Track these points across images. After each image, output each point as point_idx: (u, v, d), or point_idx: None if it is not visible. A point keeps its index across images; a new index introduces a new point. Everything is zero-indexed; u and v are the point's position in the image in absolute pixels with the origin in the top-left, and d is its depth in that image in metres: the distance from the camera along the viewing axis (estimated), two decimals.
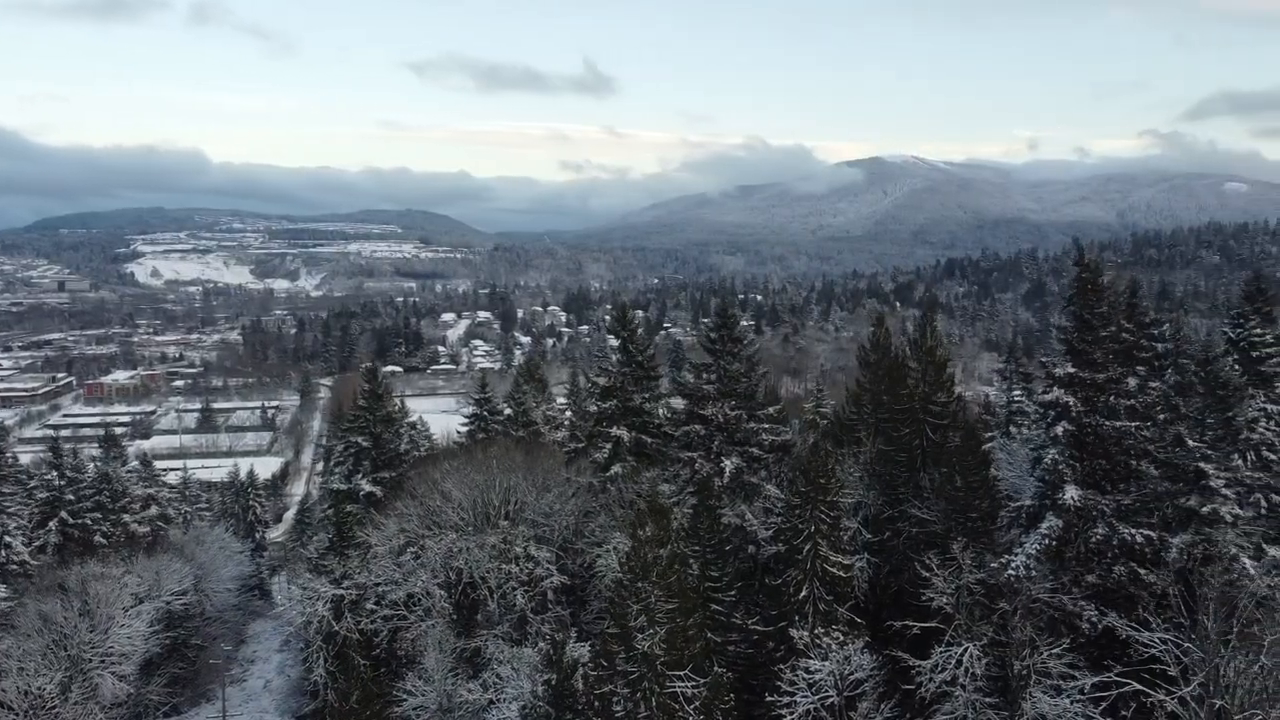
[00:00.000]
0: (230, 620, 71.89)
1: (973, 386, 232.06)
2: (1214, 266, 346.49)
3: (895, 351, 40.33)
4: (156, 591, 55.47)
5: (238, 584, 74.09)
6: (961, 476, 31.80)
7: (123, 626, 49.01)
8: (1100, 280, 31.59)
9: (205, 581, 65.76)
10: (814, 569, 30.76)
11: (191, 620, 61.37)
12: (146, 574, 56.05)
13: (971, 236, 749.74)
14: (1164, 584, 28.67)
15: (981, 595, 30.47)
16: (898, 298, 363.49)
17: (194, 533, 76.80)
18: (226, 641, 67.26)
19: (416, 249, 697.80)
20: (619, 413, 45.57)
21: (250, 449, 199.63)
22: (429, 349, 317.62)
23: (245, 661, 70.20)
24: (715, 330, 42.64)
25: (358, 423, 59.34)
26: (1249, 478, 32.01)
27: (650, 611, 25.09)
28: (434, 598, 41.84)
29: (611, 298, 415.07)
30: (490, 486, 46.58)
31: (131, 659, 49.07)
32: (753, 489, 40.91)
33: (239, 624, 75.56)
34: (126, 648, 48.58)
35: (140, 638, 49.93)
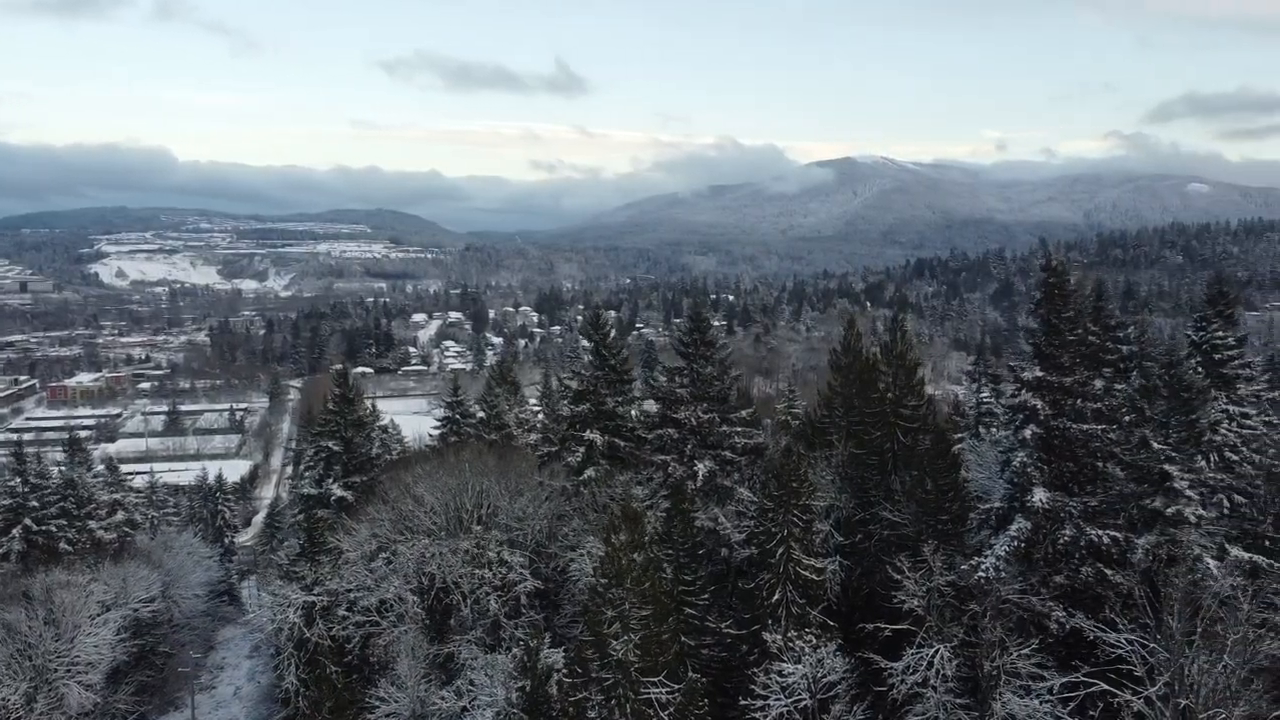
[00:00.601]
0: (199, 627, 71.11)
1: (942, 386, 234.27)
2: (1177, 266, 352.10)
3: (866, 355, 40.63)
4: (123, 599, 54.76)
5: (207, 590, 73.28)
6: (932, 479, 32.13)
7: (89, 635, 48.33)
8: (1067, 284, 32.01)
9: (173, 588, 65.01)
10: (787, 572, 30.94)
11: (159, 627, 60.67)
12: (113, 581, 55.32)
13: (940, 236, 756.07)
14: (1130, 584, 29.10)
15: (952, 597, 30.79)
16: (868, 297, 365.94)
17: (162, 538, 75.87)
18: (195, 648, 66.55)
19: (387, 249, 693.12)
20: (592, 416, 45.53)
21: (218, 452, 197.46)
22: (400, 350, 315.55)
23: (215, 668, 69.44)
24: (688, 334, 42.74)
25: (328, 427, 58.86)
26: (1212, 479, 32.61)
27: (625, 618, 25.13)
28: (406, 603, 41.59)
29: (584, 298, 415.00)
30: (463, 490, 46.41)
31: (98, 668, 48.40)
32: (726, 492, 41.07)
33: (208, 630, 74.75)
34: (93, 656, 47.92)
35: (107, 646, 49.28)
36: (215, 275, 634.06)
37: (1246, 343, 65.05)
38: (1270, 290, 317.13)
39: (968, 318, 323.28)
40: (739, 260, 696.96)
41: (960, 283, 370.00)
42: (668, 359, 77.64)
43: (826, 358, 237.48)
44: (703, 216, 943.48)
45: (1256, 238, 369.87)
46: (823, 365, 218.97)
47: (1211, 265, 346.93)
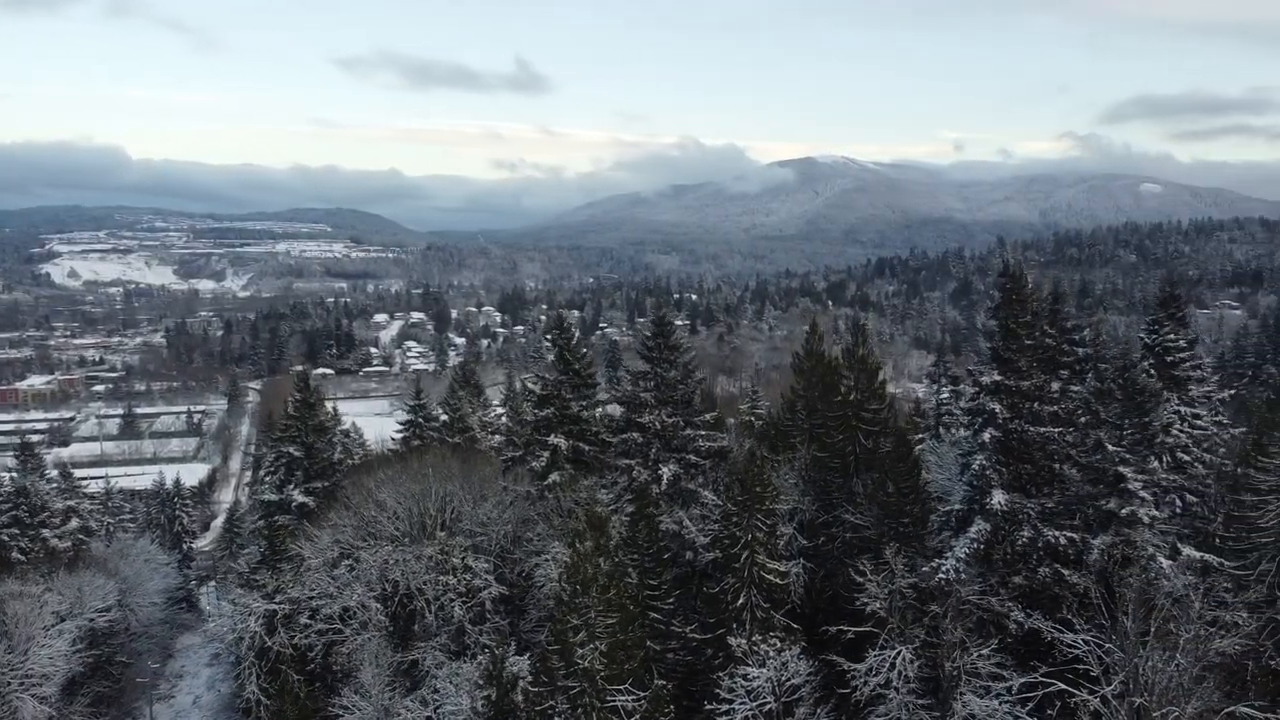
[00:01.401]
0: (157, 635, 69.96)
1: (903, 384, 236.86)
2: (1131, 265, 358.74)
3: (828, 358, 40.99)
4: (79, 609, 53.73)
5: (165, 597, 72.10)
6: (893, 482, 32.52)
7: (43, 647, 47.39)
8: (1024, 289, 32.54)
9: (130, 596, 63.90)
10: (751, 577, 31.15)
11: (116, 637, 59.63)
12: (68, 591, 54.26)
13: (901, 236, 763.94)
14: (1086, 584, 29.68)
15: (913, 598, 31.19)
16: (830, 296, 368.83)
17: (118, 545, 74.51)
18: (153, 657, 65.50)
19: (347, 249, 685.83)
20: (556, 421, 45.50)
21: (176, 455, 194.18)
22: (361, 351, 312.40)
23: (173, 677, 68.39)
24: (652, 338, 42.85)
25: (289, 432, 58.23)
26: (1165, 479, 33.33)
27: (590, 626, 25.17)
28: (370, 611, 41.31)
29: (547, 297, 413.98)
30: (426, 496, 46.14)
31: (53, 679, 47.46)
32: (690, 495, 41.26)
33: (166, 639, 73.59)
34: (47, 668, 46.99)
35: (62, 657, 48.35)
36: (171, 275, 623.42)
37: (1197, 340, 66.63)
38: (1220, 288, 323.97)
39: (928, 316, 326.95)
40: (702, 259, 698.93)
41: (920, 282, 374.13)
42: (631, 359, 77.41)
43: (789, 357, 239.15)
44: (665, 216, 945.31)
45: (1206, 237, 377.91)
46: (785, 364, 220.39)
47: (1164, 264, 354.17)
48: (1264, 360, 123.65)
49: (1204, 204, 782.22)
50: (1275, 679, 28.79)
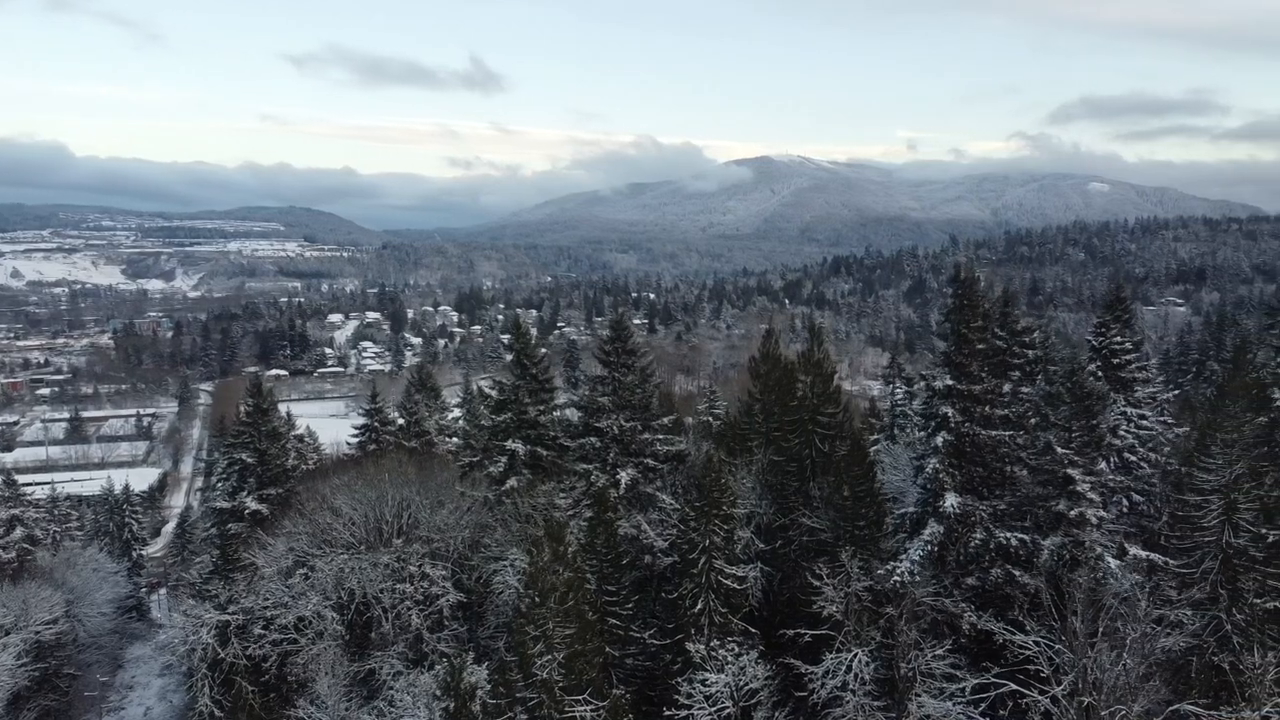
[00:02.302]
0: (106, 646, 68.51)
1: (859, 381, 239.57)
2: (1080, 263, 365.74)
3: (785, 362, 41.29)
4: (24, 622, 52.47)
5: (114, 607, 70.62)
6: (849, 486, 32.83)
7: None
8: (976, 295, 33.02)
9: (78, 606, 62.51)
10: (709, 582, 31.30)
11: (64, 649, 58.29)
12: (13, 604, 52.99)
13: (856, 234, 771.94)
14: (1037, 585, 30.22)
15: (869, 601, 31.55)
16: (787, 295, 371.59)
17: (65, 554, 72.78)
18: (102, 669, 64.20)
19: (301, 247, 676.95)
20: (513, 426, 45.32)
21: (125, 460, 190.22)
22: (316, 351, 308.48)
23: (123, 688, 67.05)
24: (609, 342, 42.84)
25: (242, 438, 57.31)
26: (1112, 480, 34.09)
27: (548, 637, 25.13)
28: (325, 620, 40.77)
29: (504, 297, 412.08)
30: (382, 502, 45.68)
31: None
32: (648, 499, 41.34)
33: (116, 649, 72.08)
34: None
35: (7, 672, 47.27)
36: (119, 275, 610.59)
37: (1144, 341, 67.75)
38: (1165, 286, 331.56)
39: (883, 315, 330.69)
40: (660, 258, 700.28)
41: (875, 280, 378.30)
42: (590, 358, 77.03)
43: (747, 356, 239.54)
44: (623, 214, 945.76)
45: (1152, 235, 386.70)
46: (743, 363, 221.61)
47: (1111, 262, 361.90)
48: (1207, 357, 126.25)
49: (1149, 203, 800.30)
50: (1219, 675, 29.54)
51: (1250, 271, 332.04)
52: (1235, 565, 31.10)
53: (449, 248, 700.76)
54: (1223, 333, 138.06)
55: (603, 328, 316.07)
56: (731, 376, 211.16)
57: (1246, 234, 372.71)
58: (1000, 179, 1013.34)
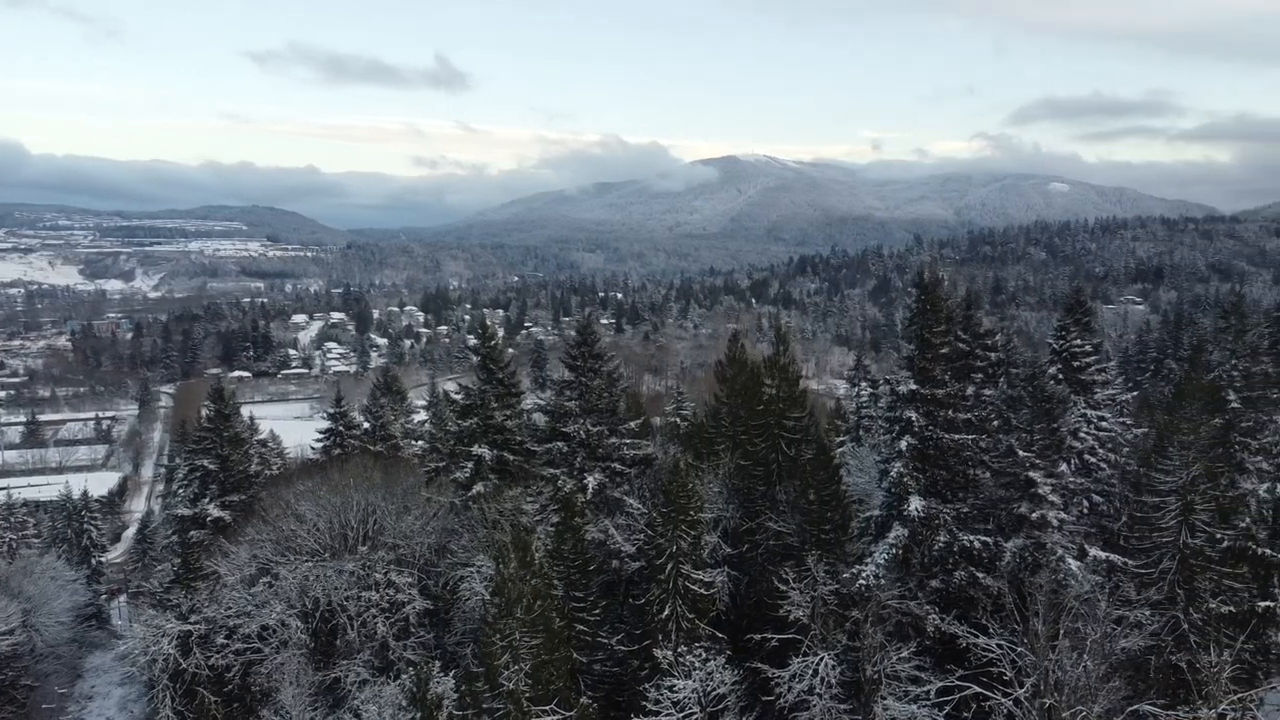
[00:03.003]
0: (65, 655, 67.18)
1: (825, 380, 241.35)
2: (1041, 263, 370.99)
3: (751, 366, 41.44)
4: None
5: (73, 616, 69.25)
6: (815, 490, 33.01)
7: None
8: (939, 300, 33.33)
9: (35, 616, 61.25)
10: (676, 587, 31.34)
11: (20, 660, 57.12)
12: None
13: (822, 234, 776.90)
14: (1000, 587, 30.60)
15: (835, 605, 31.74)
16: (753, 294, 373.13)
17: (21, 563, 71.30)
18: (61, 679, 62.95)
19: (264, 247, 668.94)
20: (480, 431, 45.10)
21: (84, 464, 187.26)
22: (279, 353, 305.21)
23: (82, 698, 65.76)
24: (576, 347, 42.75)
25: (204, 444, 56.52)
26: (1073, 483, 34.60)
27: (515, 648, 25.04)
28: (289, 629, 40.31)
29: (471, 297, 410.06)
30: (347, 508, 45.24)
31: None
32: (616, 503, 41.29)
33: (75, 658, 70.72)
34: None
35: None
36: (77, 275, 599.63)
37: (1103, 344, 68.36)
38: (1125, 284, 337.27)
39: (848, 314, 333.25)
40: (627, 258, 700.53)
41: (841, 279, 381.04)
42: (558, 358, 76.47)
43: (714, 355, 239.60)
44: (590, 214, 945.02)
45: (1111, 235, 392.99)
46: (710, 362, 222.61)
47: (1072, 261, 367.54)
48: (1165, 356, 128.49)
49: (1109, 203, 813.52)
50: (1176, 674, 30.09)
51: (1206, 270, 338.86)
52: (1192, 565, 31.71)
53: (415, 247, 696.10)
54: (1180, 332, 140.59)
55: (570, 328, 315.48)
56: (699, 376, 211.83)
57: (1202, 234, 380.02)
58: (963, 179, 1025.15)
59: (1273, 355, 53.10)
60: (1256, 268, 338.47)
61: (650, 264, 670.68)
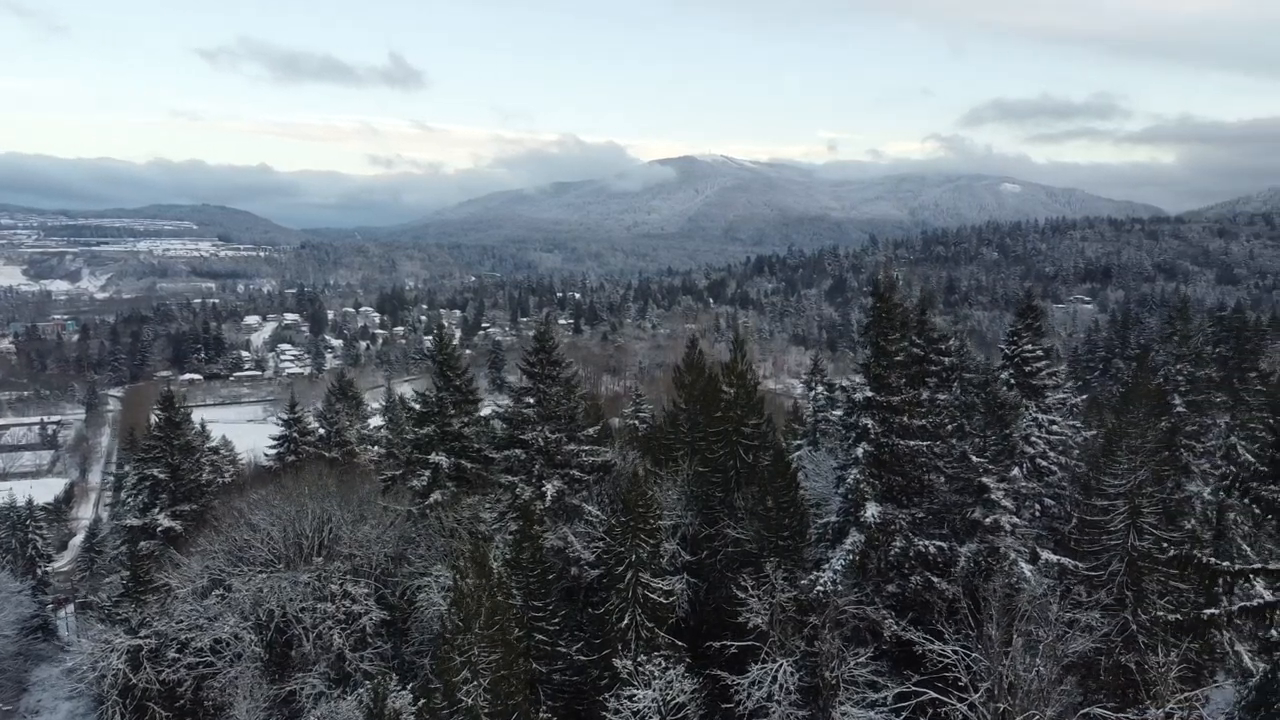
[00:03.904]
0: (9, 669, 65.43)
1: (783, 380, 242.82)
2: (994, 262, 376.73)
3: (709, 373, 41.58)
4: None
5: (17, 629, 67.49)
6: (772, 497, 33.21)
7: None
8: (893, 309, 33.70)
9: None
10: (635, 596, 31.35)
11: None
12: None
13: (779, 233, 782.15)
14: (954, 592, 31.02)
15: (794, 611, 31.95)
16: (711, 295, 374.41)
17: None
18: (5, 694, 61.30)
19: (215, 247, 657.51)
20: (437, 438, 44.73)
21: (28, 470, 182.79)
22: (232, 354, 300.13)
23: (29, 713, 64.07)
24: (534, 354, 42.54)
25: (153, 453, 55.44)
26: (1025, 488, 35.14)
27: (473, 664, 24.87)
28: (243, 642, 39.68)
29: (428, 297, 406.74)
30: (302, 517, 44.62)
31: None
32: (575, 510, 41.19)
33: (20, 672, 68.86)
34: None
35: None
36: (20, 276, 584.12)
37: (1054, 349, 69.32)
38: (1074, 284, 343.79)
39: (805, 314, 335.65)
40: (585, 257, 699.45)
41: (798, 279, 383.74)
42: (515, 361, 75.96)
43: (672, 355, 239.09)
44: (548, 213, 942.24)
45: (1061, 235, 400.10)
46: (669, 362, 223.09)
47: (1023, 261, 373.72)
48: (1113, 355, 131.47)
49: (1059, 203, 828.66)
50: (1125, 675, 30.73)
51: (1152, 270, 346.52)
52: (1140, 567, 32.40)
53: (370, 247, 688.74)
54: (1127, 332, 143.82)
55: (528, 328, 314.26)
56: (657, 376, 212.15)
57: (1149, 234, 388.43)
58: (917, 179, 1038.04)
59: (1216, 358, 54.51)
60: (1200, 267, 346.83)
61: (608, 264, 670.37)
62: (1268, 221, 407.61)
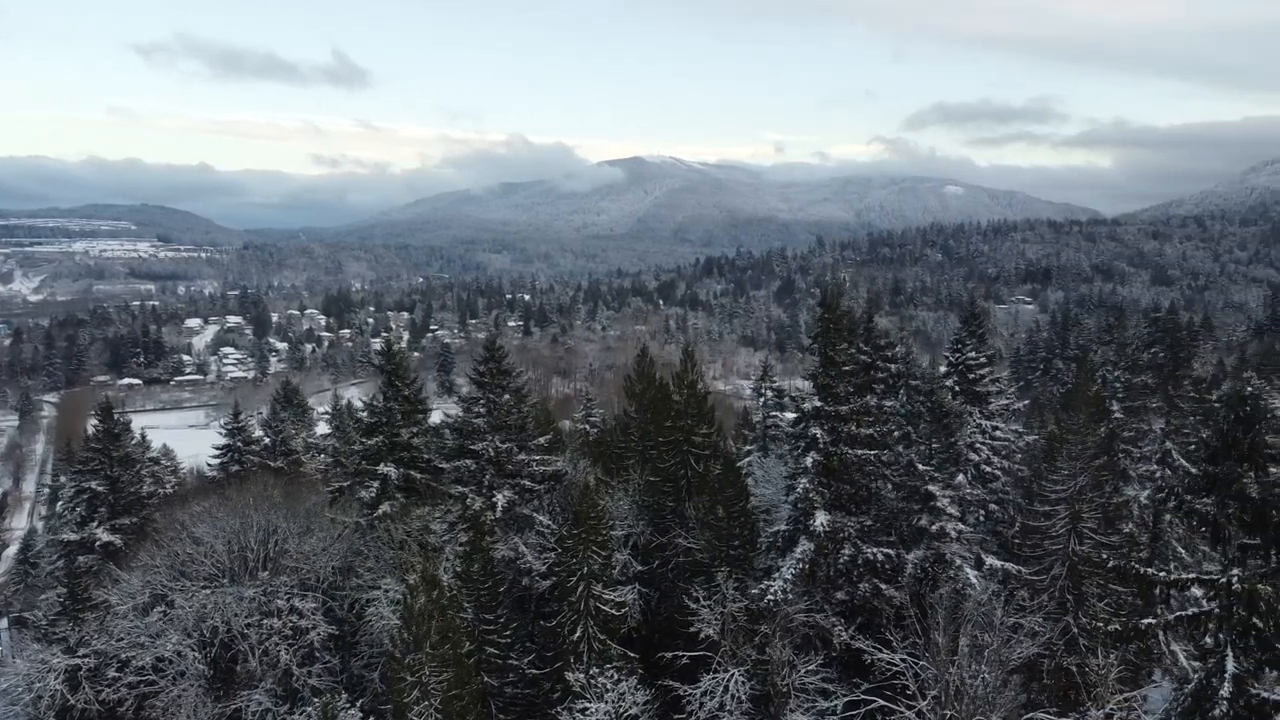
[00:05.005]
0: None
1: (732, 381, 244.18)
2: (938, 264, 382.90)
3: (660, 382, 41.68)
4: None
5: None
6: (723, 507, 33.43)
7: None
8: (841, 320, 34.11)
9: None
10: (587, 609, 31.33)
11: None
12: None
13: (727, 234, 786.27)
14: (902, 599, 31.50)
15: (745, 620, 32.20)
16: (661, 296, 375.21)
17: None
18: None
19: (154, 248, 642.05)
20: (386, 449, 44.15)
21: None
22: (172, 358, 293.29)
23: None
24: (483, 363, 42.30)
25: (91, 464, 53.95)
26: (969, 494, 35.78)
27: (424, 684, 24.65)
28: (187, 659, 38.81)
29: (374, 299, 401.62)
30: (247, 529, 43.79)
31: None
32: (526, 520, 41.02)
33: None
34: None
35: None
36: None
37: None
38: (1016, 285, 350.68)
39: (754, 315, 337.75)
40: (534, 258, 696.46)
41: (746, 280, 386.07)
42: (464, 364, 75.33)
43: (623, 357, 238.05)
44: (496, 214, 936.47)
45: (1003, 237, 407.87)
46: (620, 364, 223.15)
47: (966, 263, 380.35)
48: (1054, 355, 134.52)
49: (1000, 205, 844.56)
50: (1068, 677, 31.45)
51: (1090, 271, 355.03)
52: (1080, 572, 33.19)
53: (315, 248, 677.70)
54: (1067, 332, 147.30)
55: (477, 330, 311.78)
56: (608, 378, 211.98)
57: (1087, 236, 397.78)
58: (863, 181, 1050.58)
59: (1151, 361, 55.97)
60: (1136, 269, 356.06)
61: (558, 265, 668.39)
62: (1199, 224, 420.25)
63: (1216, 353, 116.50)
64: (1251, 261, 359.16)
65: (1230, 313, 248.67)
